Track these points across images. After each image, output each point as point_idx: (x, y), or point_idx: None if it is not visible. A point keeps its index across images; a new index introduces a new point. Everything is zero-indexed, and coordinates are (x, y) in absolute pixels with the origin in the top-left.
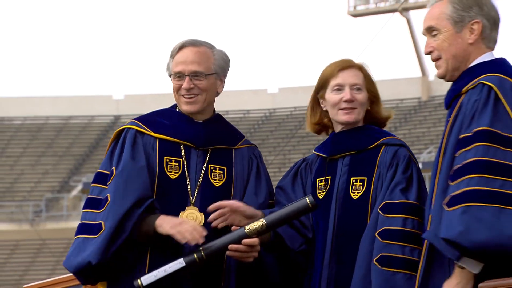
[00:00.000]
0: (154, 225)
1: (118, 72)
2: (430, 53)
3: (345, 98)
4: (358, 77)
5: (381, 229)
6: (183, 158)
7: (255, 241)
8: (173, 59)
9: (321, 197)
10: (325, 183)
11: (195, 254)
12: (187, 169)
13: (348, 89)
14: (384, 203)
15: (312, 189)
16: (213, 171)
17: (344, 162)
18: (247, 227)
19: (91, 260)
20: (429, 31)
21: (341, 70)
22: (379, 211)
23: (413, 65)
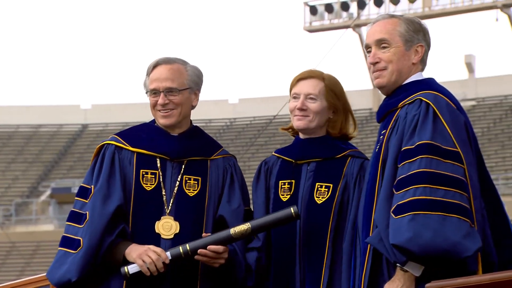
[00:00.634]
0: (123, 253)
1: (86, 82)
2: (376, 63)
3: (297, 106)
4: (315, 87)
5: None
6: (159, 170)
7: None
8: (148, 76)
9: (285, 200)
10: (289, 186)
11: (180, 248)
12: (162, 180)
13: (302, 98)
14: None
15: (275, 190)
16: (188, 181)
17: (309, 168)
18: (233, 229)
19: (70, 277)
20: (379, 43)
21: (300, 80)
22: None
23: (364, 78)
